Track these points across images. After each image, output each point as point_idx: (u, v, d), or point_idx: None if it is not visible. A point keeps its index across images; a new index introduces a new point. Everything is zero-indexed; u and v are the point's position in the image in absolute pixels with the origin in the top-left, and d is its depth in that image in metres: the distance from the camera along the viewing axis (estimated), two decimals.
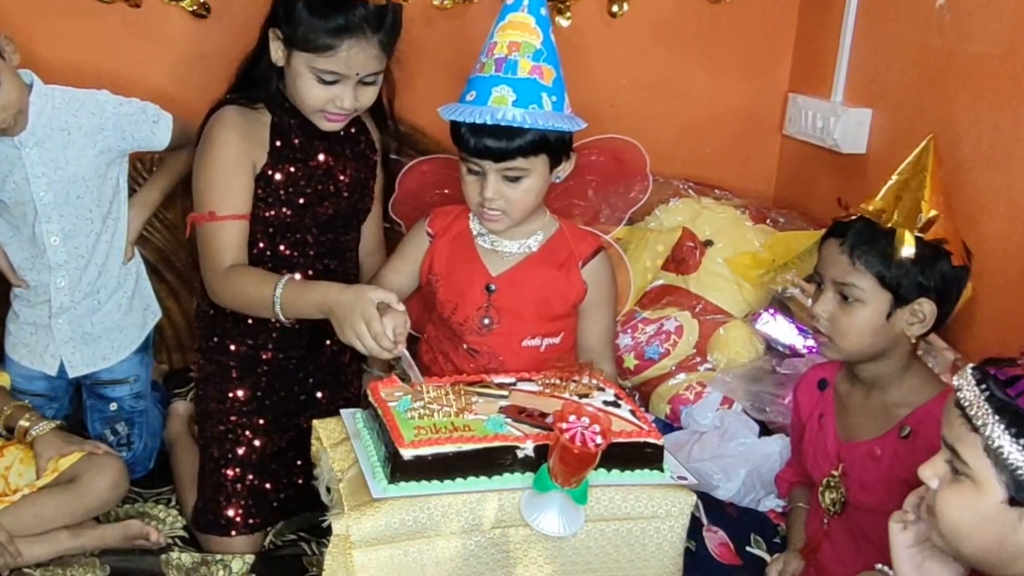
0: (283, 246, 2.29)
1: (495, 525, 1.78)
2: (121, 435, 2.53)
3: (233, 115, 2.22)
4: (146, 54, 2.77)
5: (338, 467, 1.86)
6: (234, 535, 2.29)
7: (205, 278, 2.21)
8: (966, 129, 2.37)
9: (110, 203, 2.42)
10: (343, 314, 1.91)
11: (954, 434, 1.38)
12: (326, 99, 2.16)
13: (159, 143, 2.43)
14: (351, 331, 1.89)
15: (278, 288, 2.03)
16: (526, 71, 2.04)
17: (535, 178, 2.12)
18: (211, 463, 2.34)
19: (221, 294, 2.18)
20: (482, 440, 1.77)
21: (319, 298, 1.98)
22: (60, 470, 2.22)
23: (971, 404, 1.36)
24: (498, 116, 2.01)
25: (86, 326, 2.47)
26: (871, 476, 1.92)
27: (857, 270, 1.87)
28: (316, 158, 2.29)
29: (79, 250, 2.39)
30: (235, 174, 2.19)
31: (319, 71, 2.12)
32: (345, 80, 2.14)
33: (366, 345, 1.88)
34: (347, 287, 1.97)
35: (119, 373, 2.54)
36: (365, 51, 2.12)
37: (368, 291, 1.92)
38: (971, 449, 1.35)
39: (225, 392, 2.35)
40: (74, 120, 2.30)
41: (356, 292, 1.93)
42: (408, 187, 2.56)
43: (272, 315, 2.05)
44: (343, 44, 2.09)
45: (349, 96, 2.16)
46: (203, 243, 2.19)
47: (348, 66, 2.12)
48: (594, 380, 2.00)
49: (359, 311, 1.88)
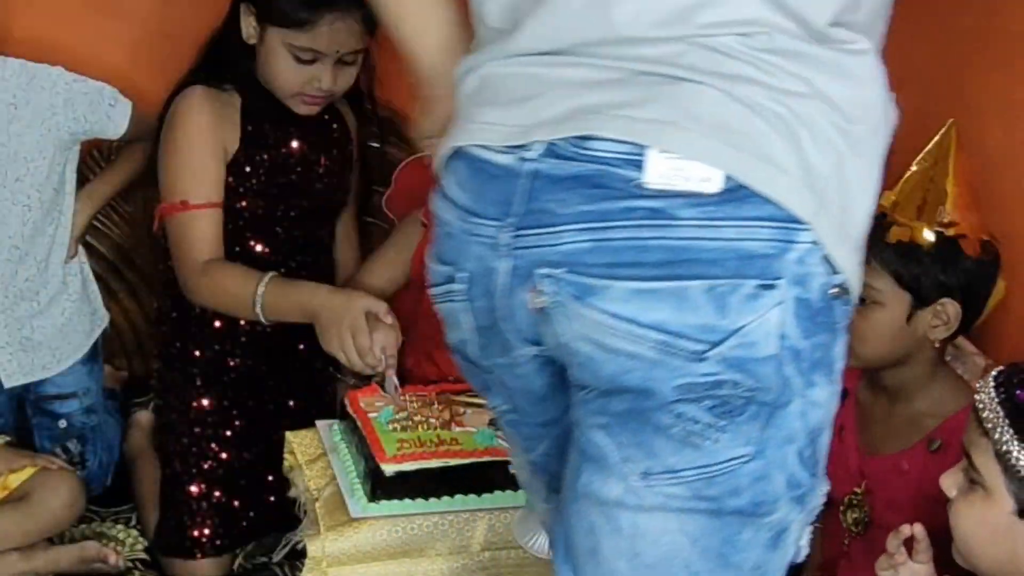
0: (253, 241, 2.28)
1: (485, 547, 1.78)
2: (73, 453, 2.49)
3: (201, 96, 2.19)
4: (103, 30, 2.70)
5: (314, 485, 1.86)
6: (200, 558, 2.27)
7: (180, 275, 2.19)
8: (996, 115, 2.35)
9: (54, 192, 2.37)
10: (329, 321, 1.90)
11: (969, 438, 1.39)
12: (303, 80, 2.14)
13: (114, 130, 2.38)
14: (336, 340, 1.89)
15: (260, 287, 2.02)
16: None
17: None
18: (174, 479, 2.32)
19: (199, 292, 2.16)
20: (471, 455, 1.78)
21: (304, 301, 1.98)
22: (10, 487, 2.20)
23: (984, 407, 1.36)
24: None
25: (25, 331, 2.41)
26: (898, 493, 1.90)
27: (872, 269, 1.84)
28: (289, 145, 2.27)
29: (13, 240, 2.33)
30: (206, 159, 2.17)
31: (296, 48, 2.10)
32: (323, 59, 2.12)
33: (350, 359, 1.87)
34: (336, 291, 1.98)
35: (66, 386, 2.49)
36: (346, 26, 2.10)
37: (358, 299, 1.92)
38: (983, 455, 1.36)
39: (188, 401, 2.33)
40: (23, 94, 2.26)
41: (345, 299, 1.93)
42: (406, 182, 2.55)
43: (252, 316, 2.05)
44: (322, 19, 2.07)
45: (328, 76, 2.14)
46: (176, 236, 2.17)
47: (328, 43, 2.10)
48: None
49: (347, 321, 1.88)
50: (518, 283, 1.13)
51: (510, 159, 1.12)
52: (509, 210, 1.12)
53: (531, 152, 1.11)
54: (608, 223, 1.06)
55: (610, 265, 1.07)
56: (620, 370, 1.09)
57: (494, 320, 1.19)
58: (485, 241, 1.14)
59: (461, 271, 1.19)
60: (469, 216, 1.16)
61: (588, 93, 1.09)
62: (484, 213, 1.14)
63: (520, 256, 1.12)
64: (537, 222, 1.10)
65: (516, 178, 1.11)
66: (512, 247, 1.12)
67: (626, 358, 1.08)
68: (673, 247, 1.05)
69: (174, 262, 2.20)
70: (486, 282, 1.16)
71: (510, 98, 1.14)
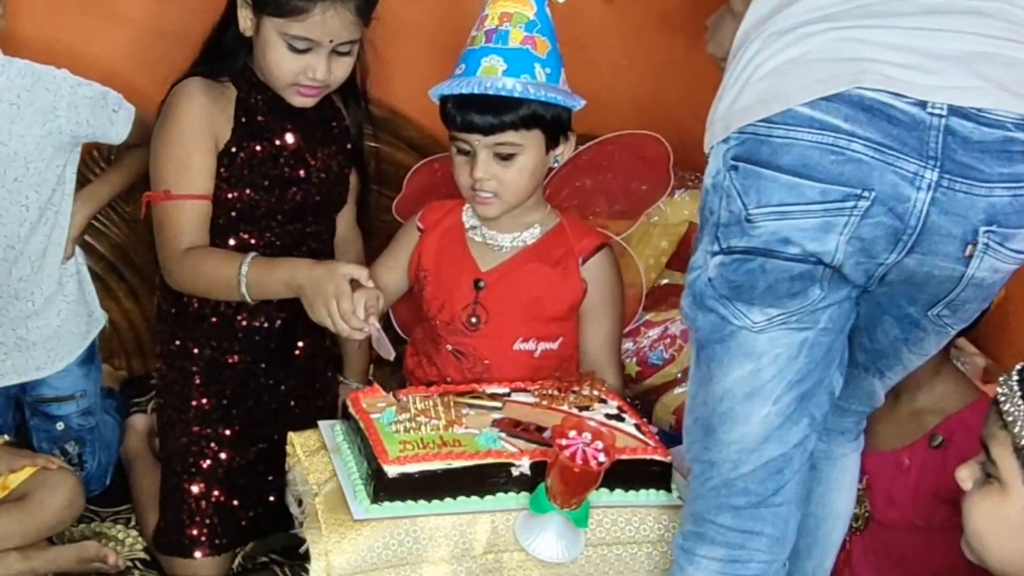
0: (246, 234, 2.29)
1: (487, 550, 1.78)
2: (71, 455, 2.51)
3: (197, 87, 2.22)
4: (100, 31, 2.73)
5: (314, 479, 1.86)
6: (199, 557, 2.28)
7: (161, 263, 2.22)
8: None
9: (52, 192, 2.38)
10: (314, 291, 1.97)
11: (988, 431, 1.39)
12: (298, 69, 2.16)
13: (116, 135, 2.40)
14: (323, 308, 1.95)
15: (243, 266, 2.07)
16: (518, 41, 2.04)
17: (529, 156, 2.10)
18: (173, 478, 2.33)
19: (179, 278, 2.20)
20: (473, 456, 1.77)
21: (288, 275, 2.04)
22: (10, 487, 2.22)
23: (1007, 399, 1.36)
24: (487, 85, 2.02)
25: (20, 330, 2.43)
26: (898, 489, 1.93)
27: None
28: (284, 139, 2.28)
29: (9, 239, 2.34)
30: (196, 151, 2.20)
31: (291, 37, 2.12)
32: (318, 48, 2.14)
33: (336, 324, 1.93)
34: (317, 263, 2.04)
35: (63, 389, 2.51)
36: (341, 16, 2.11)
37: (340, 267, 1.99)
38: (1001, 448, 1.36)
39: (188, 400, 2.34)
40: (27, 95, 2.27)
41: (328, 268, 1.99)
42: (417, 186, 2.55)
43: (238, 296, 2.09)
44: (317, 7, 2.09)
45: (322, 66, 2.15)
46: (158, 224, 2.21)
47: (322, 32, 2.11)
48: (596, 391, 2.01)
49: (332, 288, 1.94)
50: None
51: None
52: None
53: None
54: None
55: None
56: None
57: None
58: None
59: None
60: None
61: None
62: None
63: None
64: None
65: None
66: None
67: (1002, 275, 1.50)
68: None
69: (156, 250, 2.23)
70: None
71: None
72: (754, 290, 1.49)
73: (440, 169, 2.50)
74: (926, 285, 1.51)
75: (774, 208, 1.44)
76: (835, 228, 1.43)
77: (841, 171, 1.41)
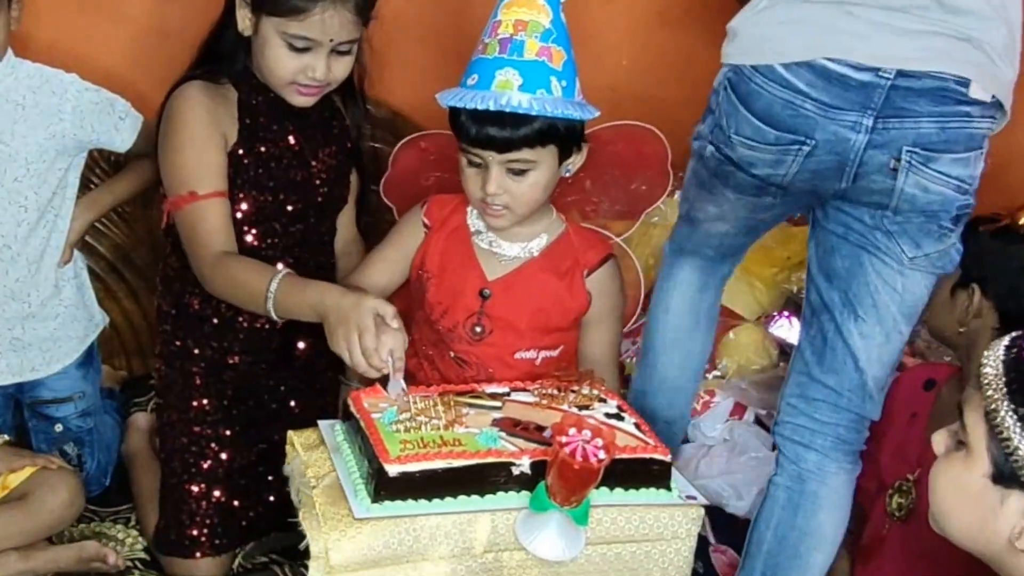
0: (249, 236, 2.29)
1: (488, 548, 1.79)
2: (71, 456, 2.53)
3: (198, 90, 2.22)
4: (100, 31, 2.75)
5: (312, 473, 1.86)
6: (199, 557, 2.30)
7: (195, 266, 2.19)
8: None
9: (52, 194, 2.39)
10: (337, 320, 1.91)
11: (966, 394, 1.41)
12: (297, 69, 2.16)
13: (121, 143, 2.42)
14: (343, 341, 1.89)
15: (272, 284, 2.03)
16: (533, 52, 2.00)
17: (542, 171, 2.09)
18: (173, 478, 2.34)
19: (214, 283, 2.16)
20: (474, 456, 1.77)
21: (315, 299, 1.98)
22: (10, 487, 2.23)
23: (987, 362, 1.38)
24: (502, 102, 1.98)
25: (16, 331, 2.44)
26: None
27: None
28: (286, 140, 2.29)
29: (6, 239, 2.36)
30: (209, 149, 2.20)
31: (290, 37, 2.13)
32: (318, 47, 2.15)
33: (354, 359, 1.89)
34: (347, 291, 1.98)
35: (61, 391, 2.53)
36: (340, 15, 2.12)
37: (367, 300, 1.92)
38: (973, 412, 1.38)
39: (188, 401, 2.35)
40: (32, 97, 2.30)
41: (355, 299, 1.93)
42: (403, 166, 2.52)
43: (264, 311, 2.05)
44: (316, 7, 2.10)
45: (322, 65, 2.16)
46: (189, 229, 2.18)
47: (322, 31, 2.12)
48: (595, 390, 2.01)
49: (355, 321, 1.89)
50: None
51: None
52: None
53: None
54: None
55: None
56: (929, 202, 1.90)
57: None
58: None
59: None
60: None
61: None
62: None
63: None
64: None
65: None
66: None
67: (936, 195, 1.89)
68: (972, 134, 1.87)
69: (188, 255, 2.20)
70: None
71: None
72: (728, 180, 2.05)
73: (428, 149, 2.47)
74: (866, 196, 1.94)
75: (746, 140, 1.96)
76: (784, 164, 1.95)
77: (794, 123, 1.90)
